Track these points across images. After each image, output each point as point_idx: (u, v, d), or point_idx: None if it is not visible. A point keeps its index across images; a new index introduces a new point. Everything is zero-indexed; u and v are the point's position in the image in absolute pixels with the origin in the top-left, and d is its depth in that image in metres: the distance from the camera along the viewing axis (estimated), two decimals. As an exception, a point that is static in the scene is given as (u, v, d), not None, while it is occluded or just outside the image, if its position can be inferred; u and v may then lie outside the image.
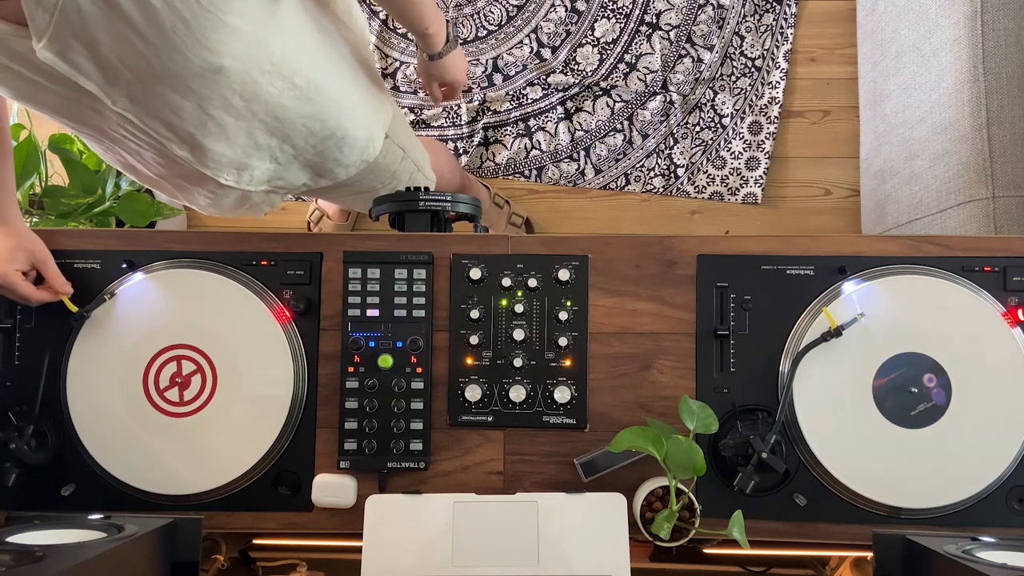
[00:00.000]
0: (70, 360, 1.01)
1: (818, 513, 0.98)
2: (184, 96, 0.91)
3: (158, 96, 0.91)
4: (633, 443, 0.88)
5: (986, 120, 1.31)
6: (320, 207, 1.83)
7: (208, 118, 0.96)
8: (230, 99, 0.94)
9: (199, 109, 0.94)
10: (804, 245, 1.02)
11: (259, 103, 0.98)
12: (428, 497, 0.94)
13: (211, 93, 0.92)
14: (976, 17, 1.33)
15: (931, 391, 0.97)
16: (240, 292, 1.02)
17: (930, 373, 0.97)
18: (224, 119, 0.97)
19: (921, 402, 0.97)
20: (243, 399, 1.01)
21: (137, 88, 0.89)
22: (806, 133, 1.86)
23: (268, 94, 0.97)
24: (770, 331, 1.00)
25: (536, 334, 1.02)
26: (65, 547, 0.71)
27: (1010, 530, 0.96)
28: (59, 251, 1.04)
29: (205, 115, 0.95)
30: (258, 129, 1.02)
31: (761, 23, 1.86)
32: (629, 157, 1.85)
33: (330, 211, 1.81)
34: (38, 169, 1.42)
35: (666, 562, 1.15)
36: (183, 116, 0.94)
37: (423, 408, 1.00)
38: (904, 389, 0.97)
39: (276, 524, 1.02)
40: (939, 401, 0.96)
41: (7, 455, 0.97)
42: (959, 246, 1.01)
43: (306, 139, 1.08)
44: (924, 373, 0.97)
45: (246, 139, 1.02)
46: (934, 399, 0.96)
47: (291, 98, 1.00)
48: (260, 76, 0.94)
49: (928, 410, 0.96)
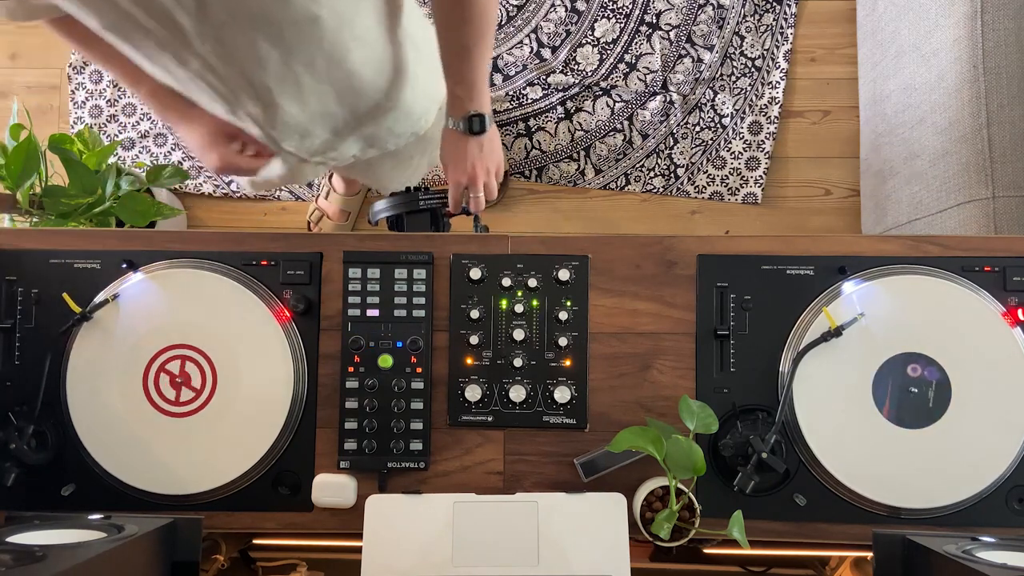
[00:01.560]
0: (70, 360, 1.01)
1: (818, 513, 0.98)
2: (273, 44, 0.90)
3: (247, 42, 0.89)
4: (633, 443, 0.88)
5: (986, 120, 1.31)
6: (320, 207, 1.83)
7: (289, 72, 0.94)
8: (315, 57, 0.94)
9: (283, 63, 0.93)
10: (804, 245, 1.02)
11: (340, 68, 0.97)
12: (428, 497, 0.94)
13: (300, 46, 0.91)
14: (976, 17, 1.33)
15: (931, 391, 0.97)
16: (240, 292, 1.02)
17: (930, 373, 0.97)
18: (303, 78, 0.96)
19: (921, 402, 0.97)
20: (243, 399, 1.01)
21: (228, 30, 0.87)
22: (806, 133, 1.86)
23: (351, 61, 0.97)
24: (770, 331, 1.00)
25: (536, 334, 1.02)
26: (65, 547, 0.71)
27: (1010, 530, 0.96)
28: (59, 251, 1.04)
29: (287, 69, 0.94)
30: (330, 96, 1.01)
31: (761, 23, 1.86)
32: (629, 157, 1.85)
33: (330, 211, 1.81)
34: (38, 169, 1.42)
35: (666, 562, 1.15)
36: (266, 68, 0.93)
37: (423, 408, 1.00)
38: (904, 389, 0.97)
39: (276, 524, 1.02)
40: (939, 401, 0.96)
41: (7, 455, 0.97)
42: (959, 246, 1.01)
43: (371, 111, 1.07)
44: (924, 373, 0.97)
45: (317, 104, 1.02)
46: (934, 399, 0.96)
47: (370, 69, 1.00)
48: (350, 40, 0.94)
49: (928, 410, 0.96)
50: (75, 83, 1.92)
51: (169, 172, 1.54)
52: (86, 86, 1.92)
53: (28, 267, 1.04)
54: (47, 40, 1.96)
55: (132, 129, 1.90)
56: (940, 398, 0.96)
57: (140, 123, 1.90)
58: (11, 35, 1.98)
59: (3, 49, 1.98)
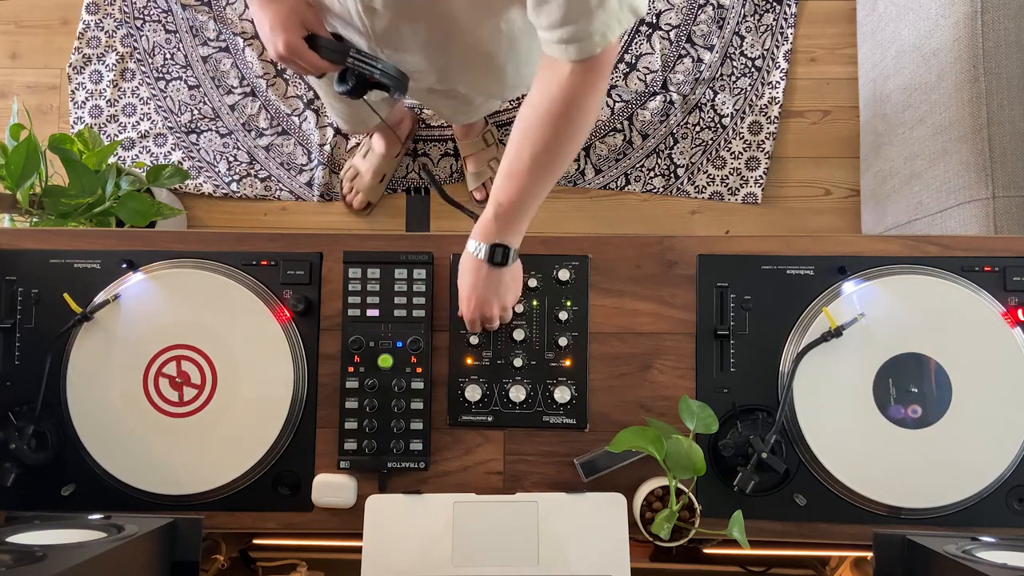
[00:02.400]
0: (70, 360, 1.01)
1: (818, 513, 0.98)
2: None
3: None
4: (633, 443, 0.88)
5: (986, 120, 1.31)
6: (355, 164, 1.79)
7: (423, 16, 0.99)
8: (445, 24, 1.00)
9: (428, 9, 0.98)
10: (804, 245, 1.02)
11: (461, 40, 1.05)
12: (428, 497, 0.94)
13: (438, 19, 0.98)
14: (976, 17, 1.33)
15: (931, 391, 0.97)
16: (240, 292, 1.02)
17: (930, 373, 0.97)
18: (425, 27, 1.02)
19: (921, 402, 0.96)
20: (243, 399, 1.01)
21: None
22: (806, 133, 1.86)
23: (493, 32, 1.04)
24: (770, 331, 1.00)
25: (536, 334, 1.02)
26: (65, 547, 0.71)
27: (1010, 530, 0.96)
28: (59, 251, 1.04)
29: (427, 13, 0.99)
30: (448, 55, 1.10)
31: (761, 23, 1.86)
32: (629, 157, 1.85)
33: (364, 169, 1.77)
34: (38, 169, 1.42)
35: (666, 562, 1.15)
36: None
37: (423, 408, 1.00)
38: (904, 389, 0.97)
39: (276, 524, 1.02)
40: (939, 401, 0.96)
41: (7, 455, 0.97)
42: (959, 246, 1.01)
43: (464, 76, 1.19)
44: (924, 373, 0.97)
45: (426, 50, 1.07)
46: (934, 399, 0.96)
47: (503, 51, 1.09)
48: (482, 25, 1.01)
49: (928, 410, 0.96)
50: (75, 83, 1.92)
51: (169, 172, 1.54)
52: (86, 86, 1.92)
53: (28, 267, 1.04)
54: (47, 40, 1.96)
55: (132, 129, 1.90)
56: (940, 398, 0.96)
57: (140, 123, 1.89)
58: (11, 35, 1.98)
59: (3, 49, 1.98)
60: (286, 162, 1.86)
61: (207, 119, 1.88)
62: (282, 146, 1.87)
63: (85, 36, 1.92)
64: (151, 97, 1.90)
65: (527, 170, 0.90)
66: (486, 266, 0.93)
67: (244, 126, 1.87)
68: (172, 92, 1.90)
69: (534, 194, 0.92)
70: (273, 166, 1.86)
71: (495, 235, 0.93)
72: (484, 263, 0.93)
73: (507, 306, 0.98)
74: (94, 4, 1.93)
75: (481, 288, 0.95)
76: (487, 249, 0.93)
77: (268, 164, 1.86)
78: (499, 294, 0.96)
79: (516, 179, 0.91)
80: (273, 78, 1.88)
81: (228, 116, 1.88)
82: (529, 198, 0.92)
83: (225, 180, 1.86)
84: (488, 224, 0.93)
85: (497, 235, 0.93)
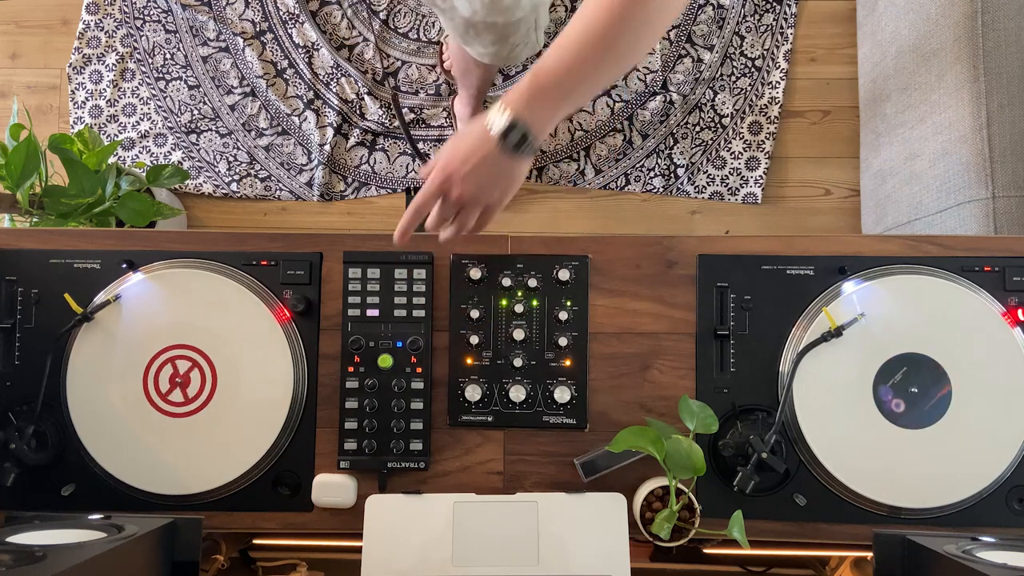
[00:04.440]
0: (70, 360, 1.01)
1: (818, 513, 0.98)
2: None
3: None
4: (633, 443, 0.88)
5: (986, 120, 1.31)
6: None
7: None
8: None
9: None
10: (804, 245, 1.02)
11: None
12: (428, 497, 0.94)
13: None
14: (976, 17, 1.33)
15: (931, 391, 0.97)
16: (240, 292, 1.02)
17: (930, 373, 0.97)
18: None
19: (921, 402, 0.97)
20: (243, 399, 1.00)
21: None
22: (806, 133, 1.86)
23: None
24: (770, 331, 1.00)
25: (536, 334, 1.02)
26: (65, 547, 0.71)
27: (1010, 530, 0.96)
28: (59, 251, 1.04)
29: None
30: None
31: (761, 23, 1.86)
32: (629, 157, 1.85)
33: None
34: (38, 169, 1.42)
35: (666, 562, 1.15)
36: None
37: (423, 408, 1.00)
38: (904, 389, 0.97)
39: (276, 524, 1.02)
40: (939, 401, 0.96)
41: (7, 455, 0.97)
42: (959, 246, 1.01)
43: None
44: (924, 373, 0.97)
45: None
46: (934, 399, 0.96)
47: None
48: None
49: (928, 410, 0.96)
50: (75, 83, 1.92)
51: (169, 172, 1.54)
52: (86, 86, 1.92)
53: (28, 267, 1.04)
54: (47, 40, 1.97)
55: (132, 129, 1.90)
56: (940, 398, 0.96)
57: (140, 123, 1.90)
58: (11, 35, 1.98)
59: (3, 49, 1.98)
60: (286, 162, 1.86)
61: (207, 119, 1.88)
62: (282, 146, 1.87)
63: (85, 36, 1.93)
64: (151, 97, 1.90)
65: (574, 43, 0.78)
66: (493, 142, 0.79)
67: (244, 126, 1.87)
68: (172, 92, 1.90)
69: (579, 74, 0.78)
70: (273, 166, 1.86)
71: (523, 108, 0.78)
72: (493, 138, 0.79)
73: (485, 202, 0.82)
74: (94, 4, 1.93)
75: (471, 164, 0.80)
76: (505, 123, 0.78)
77: (268, 164, 1.86)
78: (483, 183, 0.81)
79: (562, 51, 0.78)
80: (273, 78, 1.88)
81: (228, 116, 1.88)
82: (570, 76, 0.78)
83: (225, 180, 1.87)
84: (519, 94, 0.79)
85: (525, 108, 0.78)
